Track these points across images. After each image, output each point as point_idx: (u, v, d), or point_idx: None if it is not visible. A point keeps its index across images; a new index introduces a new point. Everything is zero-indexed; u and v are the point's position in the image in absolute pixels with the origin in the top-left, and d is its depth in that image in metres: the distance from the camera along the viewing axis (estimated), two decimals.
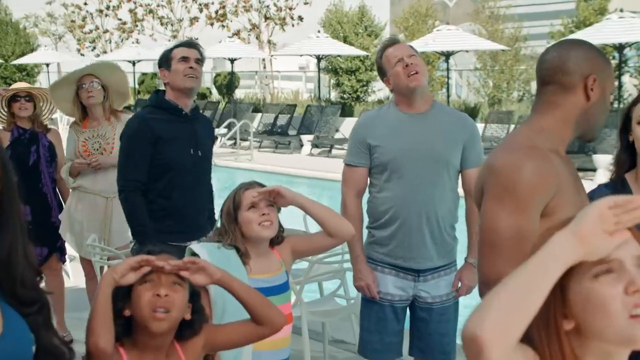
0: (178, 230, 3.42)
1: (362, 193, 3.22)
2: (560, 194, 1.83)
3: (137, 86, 26.02)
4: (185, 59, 3.47)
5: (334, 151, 15.70)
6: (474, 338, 1.13)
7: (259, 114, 18.83)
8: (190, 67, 3.46)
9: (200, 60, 3.53)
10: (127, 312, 1.85)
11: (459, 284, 3.20)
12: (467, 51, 17.97)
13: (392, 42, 3.18)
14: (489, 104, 20.64)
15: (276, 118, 17.78)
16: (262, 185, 2.53)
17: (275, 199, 2.49)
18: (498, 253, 1.81)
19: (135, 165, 3.45)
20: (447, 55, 15.93)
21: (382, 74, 3.17)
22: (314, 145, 16.13)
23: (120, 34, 29.70)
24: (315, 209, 2.54)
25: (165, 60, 3.53)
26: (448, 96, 16.57)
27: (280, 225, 2.54)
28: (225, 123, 17.06)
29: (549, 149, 1.89)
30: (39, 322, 1.42)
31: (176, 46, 3.56)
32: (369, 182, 3.20)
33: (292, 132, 17.33)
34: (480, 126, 15.45)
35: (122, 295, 1.85)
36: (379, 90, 21.90)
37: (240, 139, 16.34)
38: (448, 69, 16.91)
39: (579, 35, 13.34)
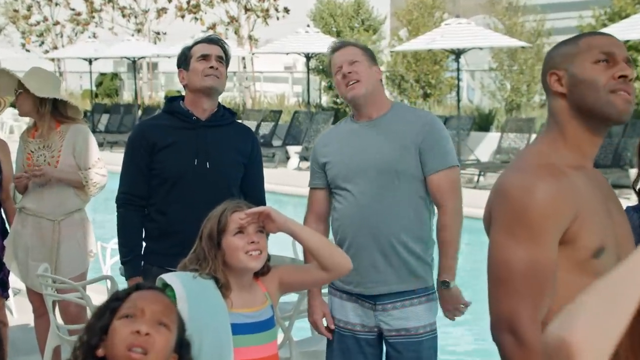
0: (175, 253, 3.22)
1: (325, 217, 3.40)
2: (583, 216, 1.84)
3: (94, 88, 26.04)
4: (205, 56, 3.51)
5: None
6: (562, 344, 1.10)
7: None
8: (211, 67, 3.50)
9: (222, 58, 3.55)
10: (100, 352, 1.85)
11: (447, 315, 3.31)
12: (480, 48, 18.08)
13: (337, 46, 3.35)
14: (507, 110, 20.74)
15: (258, 126, 17.81)
16: (250, 207, 2.55)
17: (264, 223, 2.51)
18: (510, 290, 1.82)
19: (130, 176, 3.53)
20: (458, 53, 16.03)
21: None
22: (303, 158, 16.14)
23: (74, 27, 29.71)
24: (308, 237, 2.57)
25: (183, 60, 3.58)
26: (458, 101, 16.66)
27: (267, 255, 2.55)
28: None
29: (568, 165, 1.90)
30: None
31: (195, 43, 3.60)
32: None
33: (276, 142, 17.37)
34: (495, 136, 15.53)
35: (99, 330, 1.85)
36: None
37: None
38: (458, 69, 17.01)
39: (612, 29, 13.42)
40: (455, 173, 3.28)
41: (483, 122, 17.16)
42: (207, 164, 3.49)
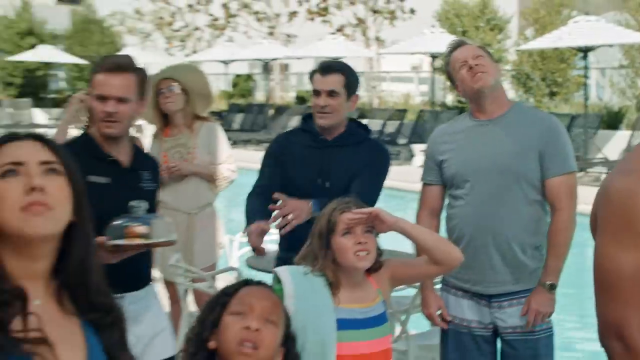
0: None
1: (438, 213, 3.37)
2: None
3: (230, 89, 26.76)
4: (316, 92, 3.46)
5: None
6: None
7: (365, 120, 18.88)
8: (320, 106, 3.44)
9: (333, 92, 3.42)
10: (212, 344, 1.90)
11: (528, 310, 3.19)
12: (610, 45, 17.35)
13: (457, 44, 3.28)
14: (637, 108, 19.82)
15: (384, 125, 17.81)
16: (360, 206, 2.54)
17: (374, 224, 2.50)
18: (617, 296, 1.75)
19: (264, 179, 3.58)
20: (586, 50, 15.45)
21: (452, 81, 3.31)
22: None
23: (211, 32, 30.60)
24: (420, 235, 2.56)
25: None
26: (586, 99, 16.05)
27: (379, 249, 2.56)
28: None
29: None
30: (114, 341, 1.51)
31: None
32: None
33: (402, 140, 17.30)
34: (625, 134, 14.86)
35: (210, 323, 1.91)
36: None
37: None
38: (586, 67, 16.40)
39: None
40: (574, 178, 3.21)
41: (612, 120, 16.48)
42: (327, 183, 3.47)
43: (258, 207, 3.37)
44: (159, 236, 2.42)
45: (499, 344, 3.29)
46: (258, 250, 3.20)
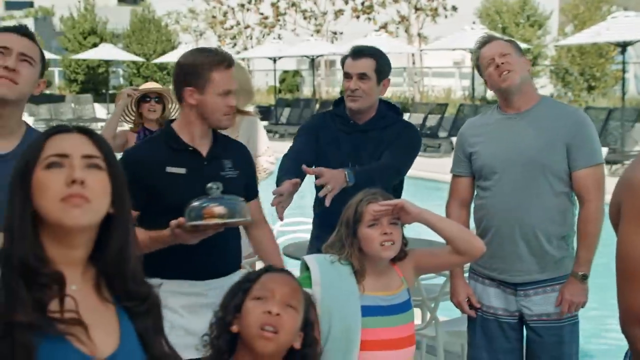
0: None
1: (467, 203, 3.33)
2: None
3: (278, 85, 26.85)
4: (347, 75, 3.39)
5: None
6: None
7: (407, 114, 18.81)
8: (351, 89, 3.37)
9: (364, 75, 3.35)
10: (234, 328, 1.90)
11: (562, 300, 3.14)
12: None
13: (485, 41, 3.21)
14: None
15: (425, 118, 17.71)
16: (386, 197, 2.53)
17: (400, 215, 2.48)
18: (639, 284, 1.71)
19: (296, 142, 3.47)
20: (624, 45, 15.11)
21: (481, 74, 3.26)
22: None
23: (261, 30, 30.75)
24: (443, 226, 2.53)
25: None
26: (624, 93, 15.71)
27: (404, 238, 2.54)
28: None
29: None
30: (148, 327, 1.51)
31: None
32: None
33: (442, 133, 17.18)
34: None
35: (233, 308, 1.91)
36: (542, 87, 21.18)
37: None
38: (624, 62, 16.05)
39: None
40: (601, 170, 3.16)
41: None
42: (357, 167, 3.27)
43: (290, 167, 3.22)
44: (236, 216, 2.46)
45: (524, 331, 3.25)
46: (279, 213, 3.05)
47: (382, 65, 3.39)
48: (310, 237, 3.56)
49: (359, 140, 3.41)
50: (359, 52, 3.38)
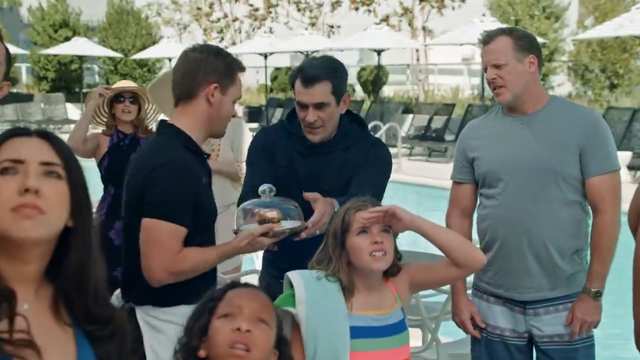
0: None
1: (469, 213, 3.32)
2: None
3: (269, 83, 26.86)
4: (301, 105, 3.17)
5: None
6: None
7: (410, 115, 18.85)
8: (309, 122, 3.18)
9: (322, 104, 3.14)
10: (202, 353, 1.90)
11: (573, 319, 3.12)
12: None
13: (484, 40, 3.18)
14: None
15: (430, 120, 17.74)
16: (375, 204, 2.52)
17: (391, 223, 2.48)
18: None
19: (253, 173, 3.31)
20: None
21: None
22: None
23: (251, 23, 30.78)
24: (438, 234, 2.52)
25: None
26: None
27: (397, 251, 2.53)
28: (370, 126, 17.18)
29: None
30: (111, 352, 1.50)
31: None
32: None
33: (449, 137, 17.19)
34: None
35: (198, 331, 1.91)
36: (559, 85, 21.23)
37: (387, 146, 16.39)
38: None
39: None
40: (617, 177, 3.14)
41: None
42: (317, 190, 3.04)
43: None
44: (288, 219, 2.72)
45: (534, 354, 3.24)
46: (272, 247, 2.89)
47: (338, 82, 3.16)
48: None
49: (319, 162, 3.22)
50: (311, 79, 3.11)
